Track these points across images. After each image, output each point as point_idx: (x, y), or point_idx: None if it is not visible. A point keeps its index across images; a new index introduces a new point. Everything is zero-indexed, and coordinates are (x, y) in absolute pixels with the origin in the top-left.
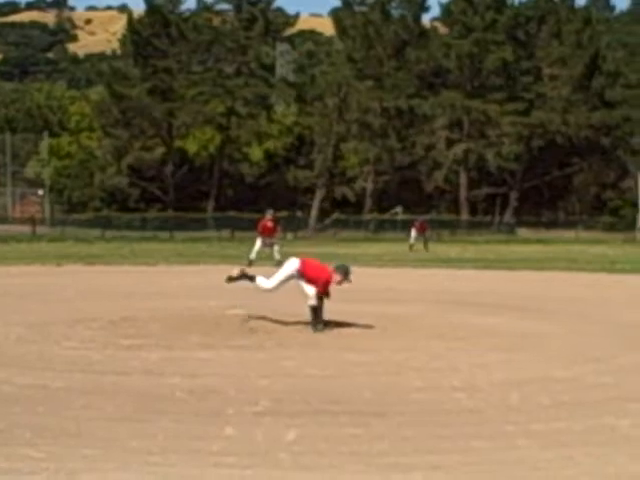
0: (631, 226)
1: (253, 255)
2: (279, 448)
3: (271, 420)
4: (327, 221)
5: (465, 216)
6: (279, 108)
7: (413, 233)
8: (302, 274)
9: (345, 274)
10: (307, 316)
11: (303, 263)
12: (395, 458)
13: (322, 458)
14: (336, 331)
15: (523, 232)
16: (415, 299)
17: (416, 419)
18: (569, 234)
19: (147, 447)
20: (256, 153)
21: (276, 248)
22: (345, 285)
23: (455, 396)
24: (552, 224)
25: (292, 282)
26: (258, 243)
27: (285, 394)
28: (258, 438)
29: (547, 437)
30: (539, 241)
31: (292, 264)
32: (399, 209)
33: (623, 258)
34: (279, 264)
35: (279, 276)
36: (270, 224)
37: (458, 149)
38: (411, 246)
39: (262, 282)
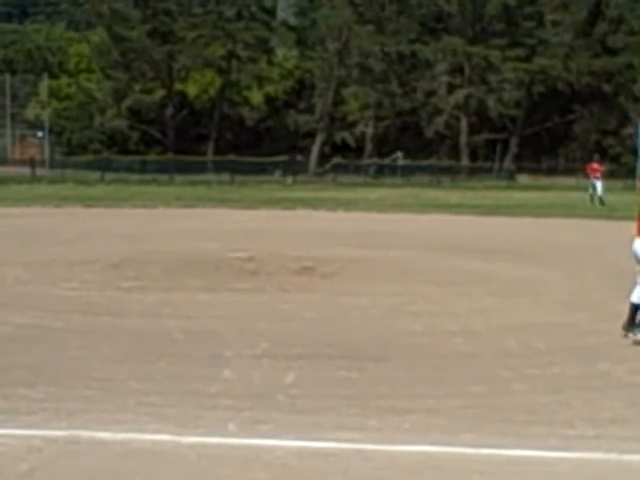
0: (631, 173)
1: (601, 192)
2: (277, 391)
3: (269, 363)
4: (327, 166)
5: (465, 162)
6: (280, 52)
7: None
8: None
9: None
10: (309, 260)
11: None
12: (391, 402)
13: (319, 401)
14: (336, 275)
15: (523, 178)
16: (413, 245)
17: (413, 363)
18: (569, 181)
19: (145, 388)
20: (256, 97)
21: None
22: None
23: (452, 341)
24: (552, 171)
25: None
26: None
27: (283, 337)
28: (256, 381)
29: (543, 382)
30: (539, 188)
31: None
32: (399, 154)
33: (622, 205)
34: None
35: None
36: (596, 166)
37: (459, 95)
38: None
39: None
